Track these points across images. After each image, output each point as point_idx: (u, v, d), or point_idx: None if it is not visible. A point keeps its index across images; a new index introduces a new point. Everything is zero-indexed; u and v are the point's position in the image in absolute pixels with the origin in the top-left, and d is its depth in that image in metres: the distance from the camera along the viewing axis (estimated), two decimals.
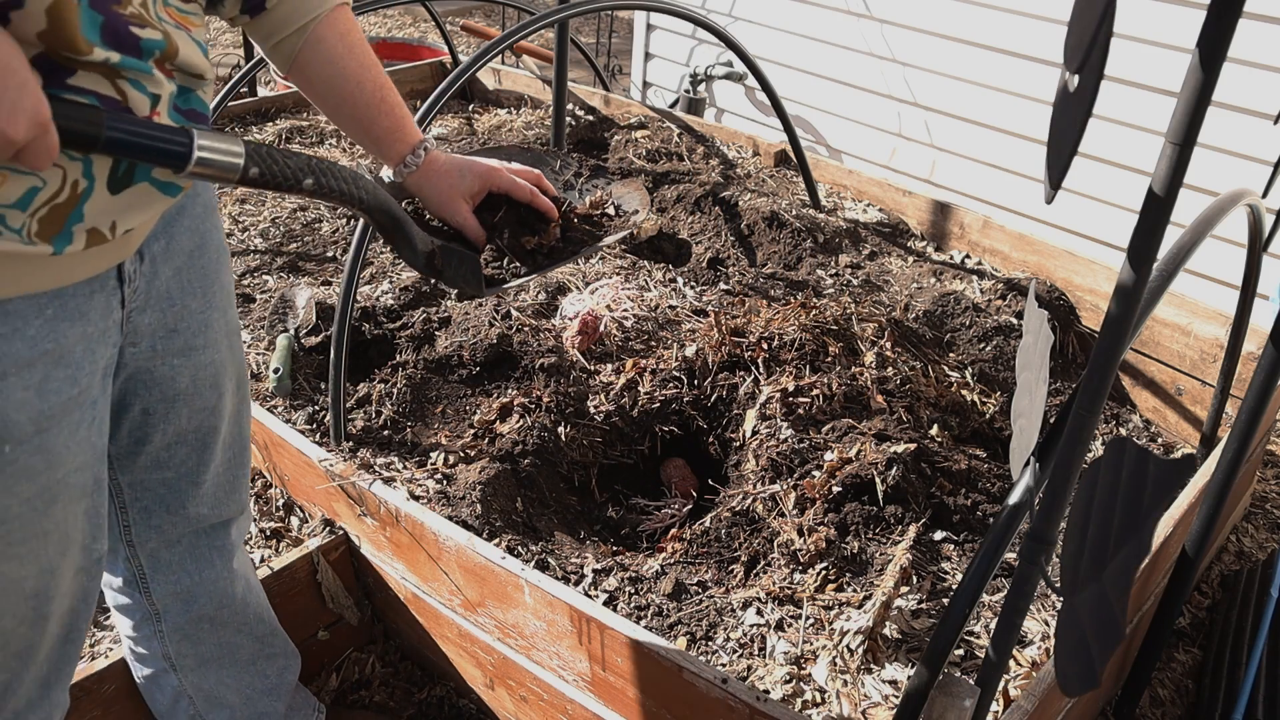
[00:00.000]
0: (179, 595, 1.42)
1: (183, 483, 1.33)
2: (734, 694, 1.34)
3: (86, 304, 1.01)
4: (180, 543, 1.40)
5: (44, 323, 0.96)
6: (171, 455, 1.29)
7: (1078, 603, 0.91)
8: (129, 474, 1.29)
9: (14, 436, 0.96)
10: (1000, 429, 2.13)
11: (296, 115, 3.75)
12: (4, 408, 0.94)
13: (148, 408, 1.22)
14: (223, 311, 1.27)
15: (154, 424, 1.24)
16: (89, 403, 1.05)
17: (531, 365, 2.12)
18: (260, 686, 1.58)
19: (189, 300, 1.20)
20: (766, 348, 2.10)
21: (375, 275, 2.59)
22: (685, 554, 1.76)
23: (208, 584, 1.44)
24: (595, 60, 4.12)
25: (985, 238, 2.84)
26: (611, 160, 3.31)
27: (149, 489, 1.31)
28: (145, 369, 1.19)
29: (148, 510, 1.33)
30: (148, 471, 1.29)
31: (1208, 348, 2.31)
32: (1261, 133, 2.91)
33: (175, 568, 1.41)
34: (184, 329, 1.20)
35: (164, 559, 1.40)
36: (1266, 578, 2.00)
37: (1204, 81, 0.72)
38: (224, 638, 1.50)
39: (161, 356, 1.19)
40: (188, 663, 1.49)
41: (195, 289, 1.21)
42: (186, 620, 1.45)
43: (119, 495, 1.31)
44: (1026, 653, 1.57)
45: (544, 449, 1.95)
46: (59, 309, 0.97)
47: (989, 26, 3.45)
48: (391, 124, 1.23)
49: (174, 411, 1.25)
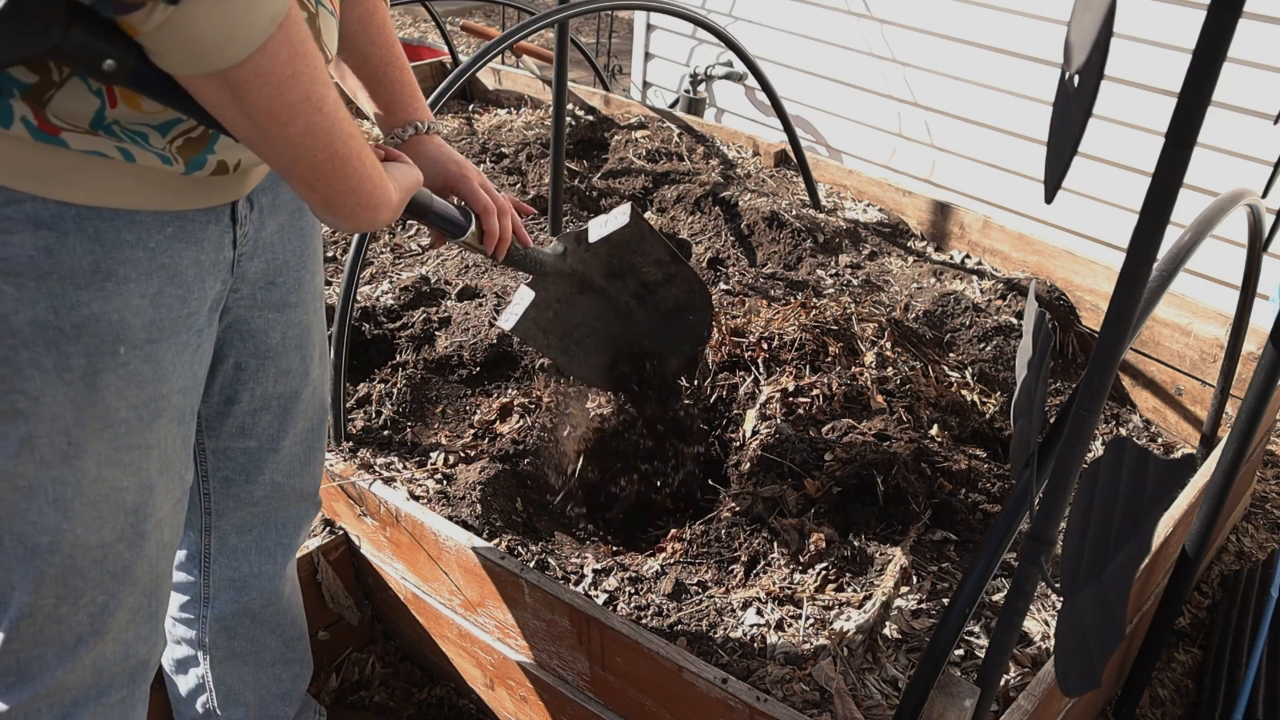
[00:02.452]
0: (234, 583, 1.46)
1: (263, 450, 1.37)
2: (734, 694, 1.34)
3: (202, 231, 1.07)
4: (252, 531, 1.44)
5: (164, 239, 1.02)
6: (256, 421, 1.34)
7: (1078, 603, 0.91)
8: (215, 439, 1.33)
9: (129, 339, 1.01)
10: (1000, 429, 2.13)
11: None
12: (123, 310, 1.00)
13: (240, 361, 1.27)
14: (314, 274, 1.34)
15: (244, 380, 1.29)
16: (195, 329, 1.11)
17: (531, 365, 2.12)
18: (275, 690, 1.59)
19: (288, 255, 1.26)
20: (766, 348, 2.10)
21: (375, 275, 2.59)
22: (685, 554, 1.76)
23: (264, 578, 1.48)
24: (595, 60, 4.12)
25: (985, 238, 2.84)
26: (611, 160, 3.31)
27: (231, 458, 1.36)
28: (243, 319, 1.24)
29: (228, 480, 1.37)
30: (233, 438, 1.34)
31: (1208, 348, 2.31)
32: (1261, 133, 2.91)
33: (240, 555, 1.44)
34: (280, 282, 1.26)
35: (232, 544, 1.43)
36: (1266, 578, 2.00)
37: (1204, 81, 0.72)
38: (257, 635, 1.53)
39: (259, 309, 1.25)
40: (219, 654, 1.51)
41: (294, 246, 1.27)
42: (232, 611, 1.48)
43: (203, 463, 1.35)
44: (1026, 653, 1.57)
45: (543, 449, 1.95)
46: (178, 229, 1.03)
47: (989, 26, 3.45)
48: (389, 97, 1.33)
49: (263, 370, 1.30)
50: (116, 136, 0.93)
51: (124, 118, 0.93)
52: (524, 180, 3.12)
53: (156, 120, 0.95)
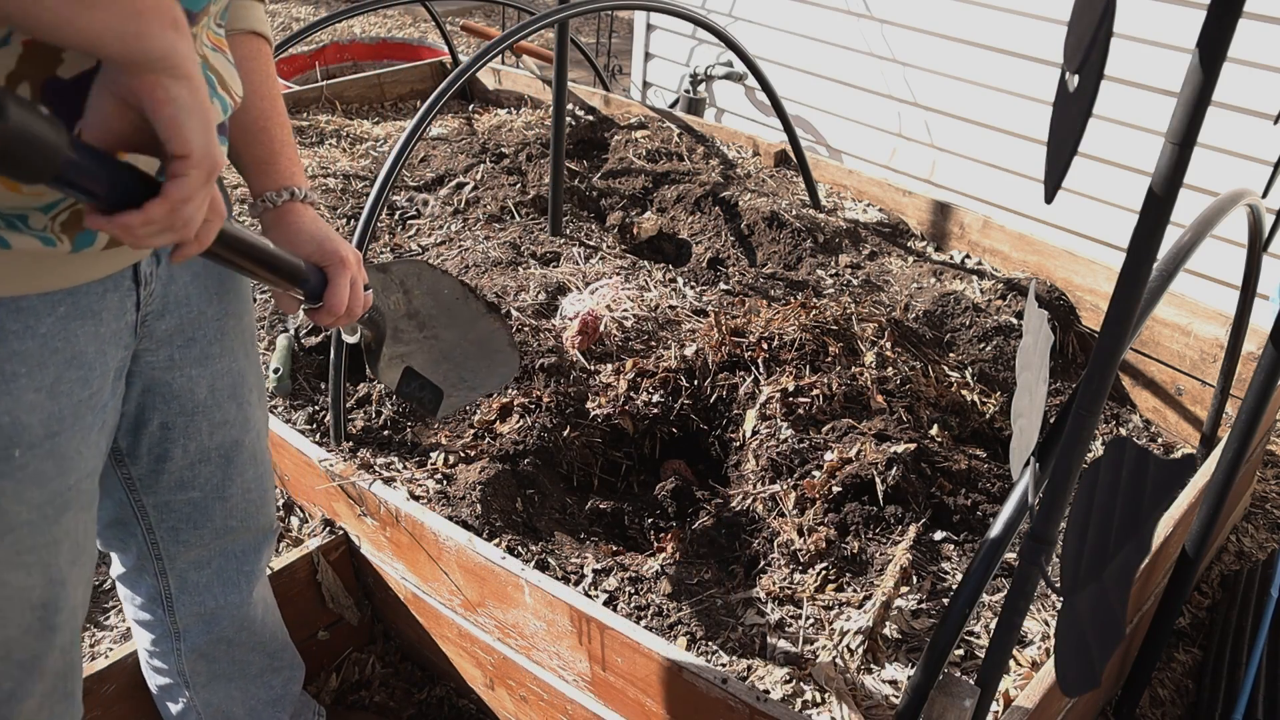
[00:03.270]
0: (202, 616, 1.42)
1: (209, 499, 1.31)
2: (734, 694, 1.34)
3: (100, 303, 0.98)
4: (210, 565, 1.39)
5: (56, 321, 0.93)
6: (195, 474, 1.27)
7: (1078, 603, 0.91)
8: (153, 495, 1.27)
9: (25, 440, 0.93)
10: (1000, 429, 2.13)
11: (296, 115, 3.76)
12: (14, 409, 0.91)
13: (166, 421, 1.20)
14: (239, 318, 1.25)
15: (174, 439, 1.22)
16: (100, 406, 1.03)
17: (531, 365, 2.12)
18: (266, 698, 1.58)
19: (205, 306, 1.18)
20: (766, 348, 2.10)
21: None
22: (685, 554, 1.76)
23: (231, 608, 1.43)
24: (595, 60, 4.12)
25: (985, 238, 2.84)
26: (611, 160, 3.31)
27: (174, 509, 1.30)
28: (163, 381, 1.17)
29: (175, 529, 1.32)
30: (172, 492, 1.27)
31: (1208, 348, 2.31)
32: (1261, 133, 2.91)
33: (202, 590, 1.39)
34: (201, 336, 1.19)
35: (192, 580, 1.39)
36: (1266, 578, 2.00)
37: (1204, 81, 0.72)
38: (238, 655, 1.50)
39: (179, 366, 1.17)
40: (200, 679, 1.49)
41: (212, 294, 1.19)
42: (206, 641, 1.44)
43: (145, 517, 1.29)
44: (1026, 653, 1.57)
45: (544, 449, 1.95)
46: (71, 307, 0.95)
47: (989, 26, 3.45)
48: (263, 155, 1.17)
49: (194, 425, 1.23)
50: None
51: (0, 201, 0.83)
52: (524, 180, 3.12)
53: (40, 201, 0.85)
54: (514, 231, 2.75)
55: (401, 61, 4.76)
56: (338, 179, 3.20)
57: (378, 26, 7.04)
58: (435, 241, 2.78)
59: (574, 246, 2.70)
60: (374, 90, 4.02)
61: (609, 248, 2.75)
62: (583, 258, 2.65)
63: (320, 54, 4.77)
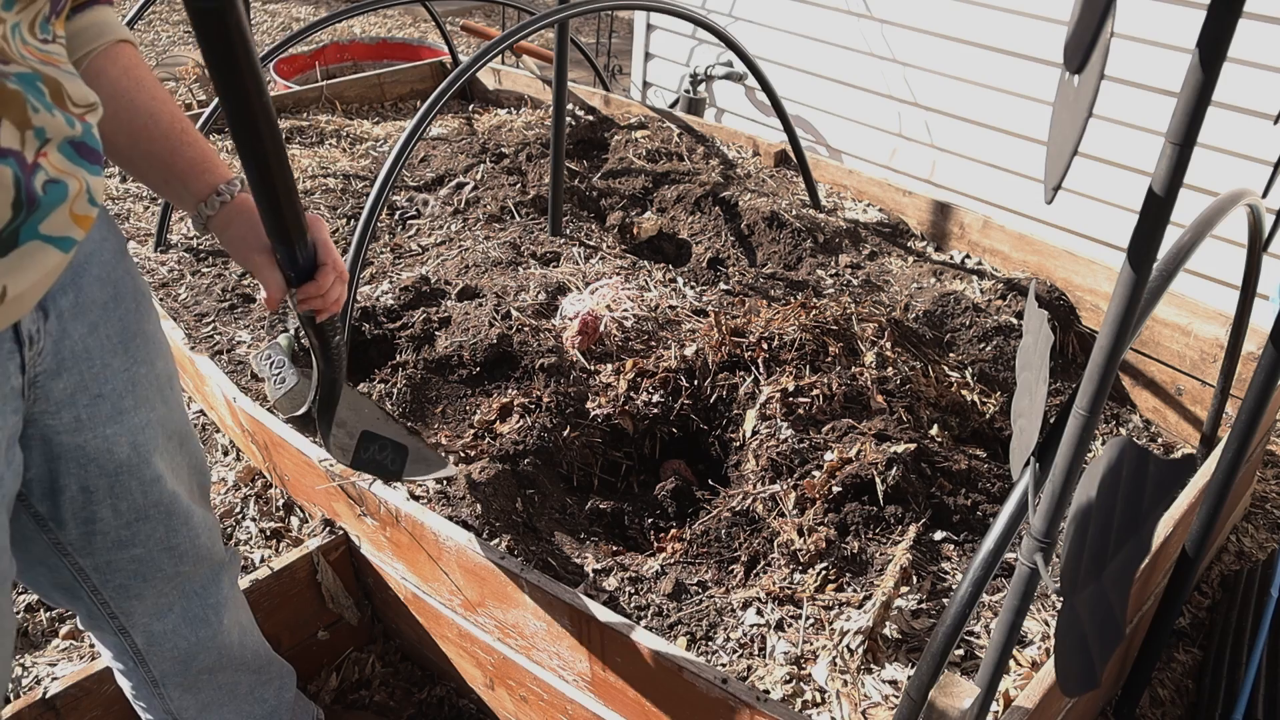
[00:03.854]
0: (177, 659, 1.37)
1: (154, 554, 1.24)
2: (734, 694, 1.34)
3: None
4: (172, 610, 1.33)
5: None
6: (135, 533, 1.20)
7: (1078, 603, 0.91)
8: (90, 557, 1.19)
9: None
10: (1000, 429, 2.13)
11: (296, 115, 3.75)
12: None
13: (86, 485, 1.12)
14: (150, 364, 1.16)
15: (99, 500, 1.14)
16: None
17: (531, 365, 2.12)
18: (260, 712, 1.56)
19: (110, 358, 1.09)
20: (766, 348, 2.10)
21: (375, 275, 2.59)
22: (685, 554, 1.76)
23: (205, 642, 1.39)
24: (595, 60, 4.12)
25: (985, 238, 2.84)
26: (611, 160, 3.31)
27: (118, 567, 1.22)
28: (75, 445, 1.08)
29: (123, 586, 1.25)
30: (111, 552, 1.20)
31: (1208, 348, 2.31)
32: (1261, 133, 2.91)
33: (170, 635, 1.34)
34: (110, 391, 1.10)
35: (157, 631, 1.33)
36: (1266, 578, 2.00)
37: (1204, 81, 0.72)
38: (223, 680, 1.46)
39: (90, 426, 1.09)
40: (190, 713, 1.45)
41: (115, 345, 1.10)
42: (186, 679, 1.41)
43: (86, 580, 1.21)
44: (1026, 653, 1.57)
45: (544, 449, 1.95)
46: None
47: (989, 26, 3.45)
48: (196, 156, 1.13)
49: (120, 485, 1.15)
50: None
51: None
52: (524, 180, 3.12)
53: None
54: (514, 231, 2.75)
55: (401, 61, 4.76)
56: (338, 179, 3.20)
57: (378, 26, 7.04)
58: (435, 241, 2.78)
59: (574, 246, 2.70)
60: (374, 90, 4.02)
61: (609, 248, 2.74)
62: (583, 258, 2.65)
63: (320, 54, 4.77)
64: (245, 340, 2.36)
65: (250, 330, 2.39)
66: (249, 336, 2.36)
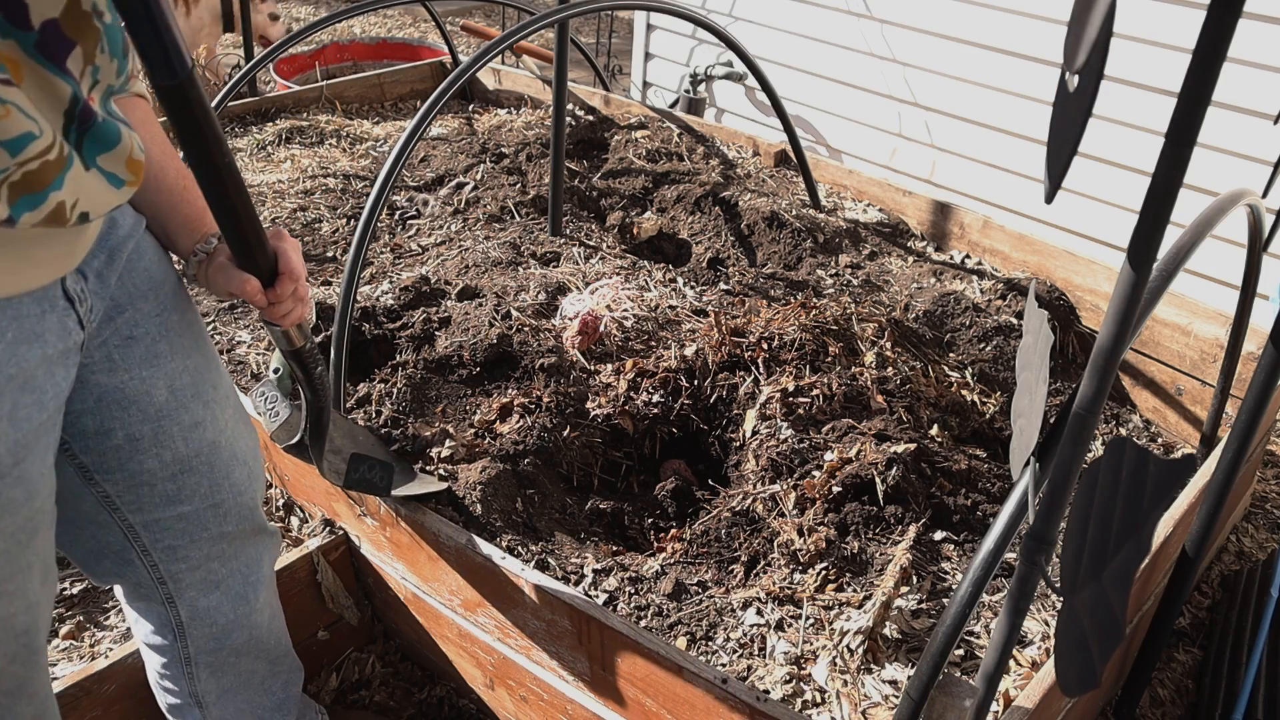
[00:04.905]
0: (214, 636, 1.40)
1: (200, 511, 1.28)
2: (734, 694, 1.34)
3: (40, 325, 0.98)
4: (218, 587, 1.37)
5: (6, 347, 0.93)
6: (182, 486, 1.24)
7: (1078, 603, 0.91)
8: (140, 514, 1.23)
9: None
10: (1000, 429, 2.13)
11: (296, 115, 3.76)
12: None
13: (132, 433, 1.16)
14: (180, 312, 1.21)
15: (145, 450, 1.18)
16: (53, 426, 1.03)
17: (531, 365, 2.12)
18: (269, 704, 1.58)
19: (139, 303, 1.15)
20: (766, 348, 2.10)
21: (375, 275, 2.59)
22: (685, 554, 1.76)
23: (241, 619, 1.43)
24: (595, 60, 4.12)
25: (985, 238, 2.84)
26: (611, 160, 3.31)
27: (167, 526, 1.26)
28: (113, 387, 1.13)
29: (172, 548, 1.29)
30: (160, 509, 1.24)
31: (1208, 348, 2.31)
32: (1261, 133, 2.91)
33: (212, 612, 1.38)
34: (142, 335, 1.15)
35: (202, 606, 1.37)
36: (1266, 578, 2.00)
37: (1204, 81, 0.72)
38: (244, 666, 1.49)
39: (124, 368, 1.14)
40: (211, 698, 1.48)
41: (143, 290, 1.16)
42: (217, 658, 1.43)
43: (137, 539, 1.25)
44: (1026, 653, 1.57)
45: (544, 449, 1.95)
46: (17, 331, 0.95)
47: (989, 26, 3.45)
48: (192, 213, 1.21)
49: (164, 433, 1.19)
50: None
51: None
52: (524, 180, 3.12)
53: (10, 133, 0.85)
54: (514, 231, 2.75)
55: (401, 61, 4.76)
56: (338, 179, 3.20)
57: (378, 26, 7.04)
58: (435, 241, 2.79)
59: (574, 246, 2.70)
60: (374, 90, 4.02)
61: (609, 248, 2.75)
62: (583, 258, 2.65)
63: (320, 54, 4.77)
64: (245, 340, 2.36)
65: (250, 330, 2.39)
66: (249, 336, 2.36)
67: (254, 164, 3.33)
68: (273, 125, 3.61)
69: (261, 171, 3.26)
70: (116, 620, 1.95)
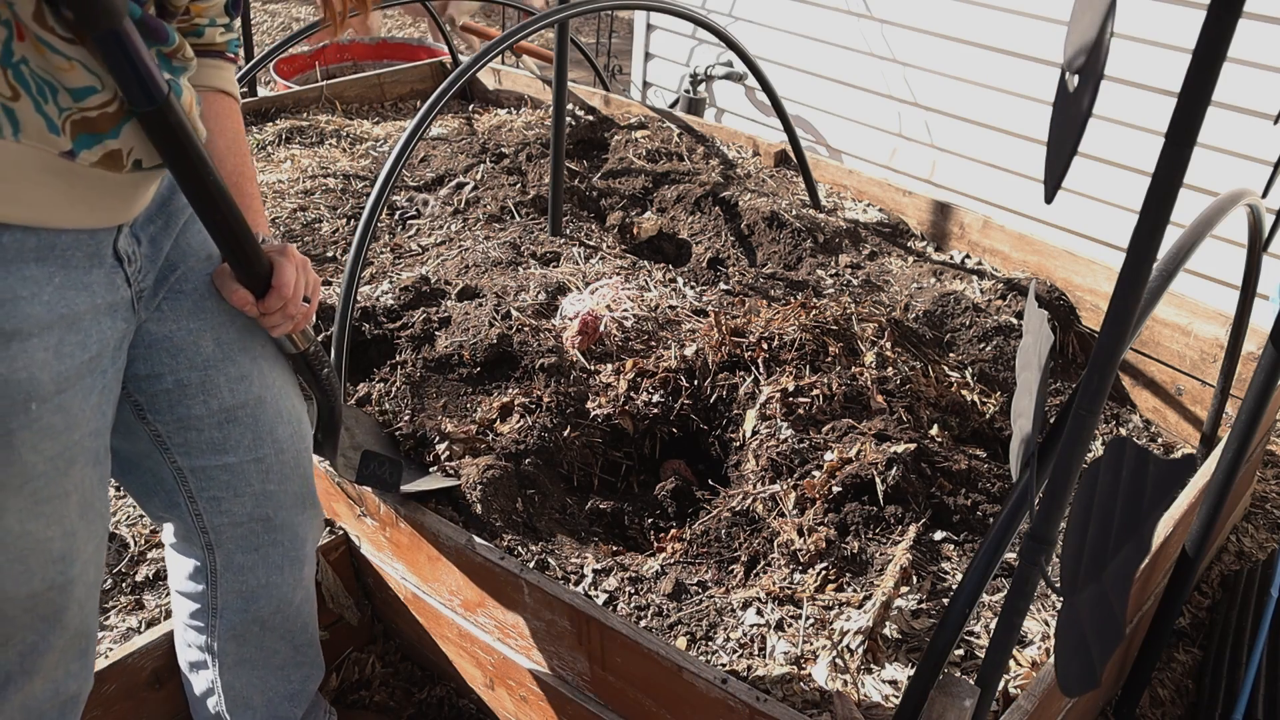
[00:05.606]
0: (243, 594, 1.45)
1: (245, 464, 1.34)
2: (734, 694, 1.34)
3: (87, 276, 1.06)
4: (258, 549, 1.41)
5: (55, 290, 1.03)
6: (227, 435, 1.30)
7: (1078, 603, 0.91)
8: (188, 458, 1.30)
9: (39, 394, 1.02)
10: (1000, 429, 2.13)
11: (296, 115, 3.76)
12: (30, 366, 1.00)
13: (181, 379, 1.24)
14: None
15: (192, 396, 1.26)
16: (100, 371, 1.10)
17: (531, 365, 2.12)
18: (284, 691, 1.59)
19: (190, 261, 1.23)
20: (766, 348, 2.10)
21: (375, 275, 2.59)
22: (685, 554, 1.76)
23: (273, 588, 1.46)
24: (595, 60, 4.12)
25: (985, 238, 2.84)
26: (611, 160, 3.31)
27: (213, 476, 1.32)
28: (163, 335, 1.22)
29: (216, 499, 1.34)
30: (209, 456, 1.31)
31: (1208, 348, 2.31)
32: (1261, 133, 2.91)
33: (247, 570, 1.43)
34: (189, 289, 1.23)
35: (238, 561, 1.41)
36: (1266, 578, 2.00)
37: (1204, 81, 0.72)
38: (267, 642, 1.52)
39: (173, 318, 1.22)
40: (228, 660, 1.51)
41: (196, 252, 1.24)
42: (241, 620, 1.47)
43: (185, 484, 1.32)
44: (1026, 653, 1.57)
45: (544, 449, 1.95)
46: (65, 279, 1.04)
47: (989, 26, 3.45)
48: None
49: (210, 382, 1.26)
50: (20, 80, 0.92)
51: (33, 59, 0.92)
52: (524, 180, 3.12)
53: (77, 84, 0.95)
54: (514, 231, 2.76)
55: (401, 61, 4.76)
56: (338, 179, 3.20)
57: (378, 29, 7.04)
58: (435, 241, 2.79)
59: (574, 246, 2.70)
60: (374, 90, 4.02)
61: (609, 248, 2.75)
62: (583, 258, 2.65)
63: (320, 54, 4.77)
64: None
65: None
66: None
67: (254, 164, 3.33)
68: (273, 125, 3.62)
69: (261, 171, 3.26)
70: (116, 620, 1.95)
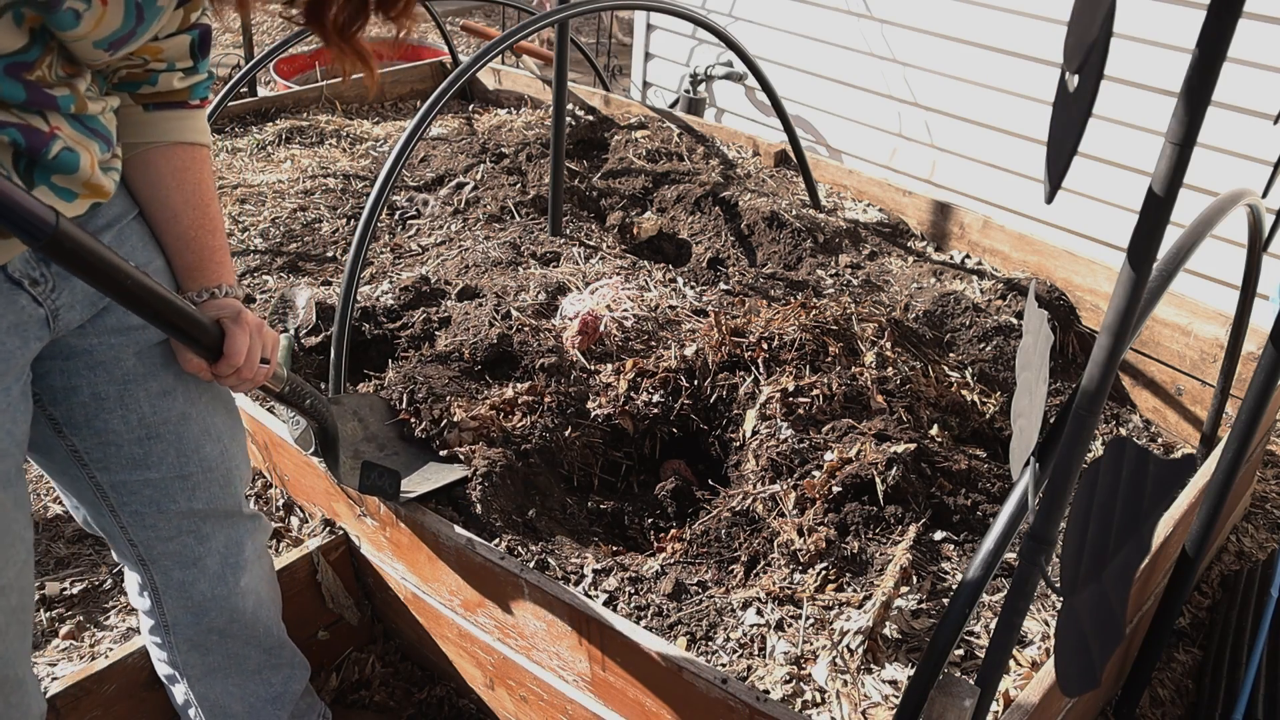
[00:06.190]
0: (189, 609, 1.42)
1: (168, 480, 1.29)
2: (734, 694, 1.34)
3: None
4: (194, 564, 1.38)
5: None
6: (148, 452, 1.26)
7: (1078, 603, 0.91)
8: (107, 473, 1.26)
9: None
10: (1000, 429, 2.13)
11: (296, 115, 3.76)
12: None
13: (98, 392, 1.21)
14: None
15: (109, 409, 1.22)
16: (3, 389, 1.07)
17: (532, 365, 2.12)
18: (264, 695, 1.57)
19: None
20: (766, 348, 2.10)
21: (375, 275, 2.59)
22: (685, 554, 1.76)
23: (220, 599, 1.43)
24: (595, 60, 4.12)
25: (985, 238, 2.84)
26: (611, 160, 3.31)
27: (134, 490, 1.29)
28: (85, 348, 1.18)
29: (138, 513, 1.31)
30: (128, 471, 1.27)
31: (1208, 348, 2.31)
32: (1261, 133, 2.91)
33: (186, 585, 1.39)
34: (114, 306, 1.18)
35: (176, 577, 1.38)
36: (1266, 578, 2.00)
37: (1204, 81, 0.72)
38: (232, 649, 1.50)
39: (95, 334, 1.18)
40: (195, 672, 1.49)
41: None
42: (196, 632, 1.44)
43: (105, 498, 1.28)
44: (1026, 653, 1.57)
45: (544, 449, 1.95)
46: None
47: (989, 26, 3.45)
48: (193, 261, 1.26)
49: (129, 396, 1.22)
50: None
51: None
52: (524, 180, 3.12)
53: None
54: (514, 231, 2.76)
55: (401, 61, 4.76)
56: (338, 179, 3.20)
57: (377, 26, 7.03)
58: (435, 241, 2.79)
59: (574, 246, 2.70)
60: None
61: (609, 248, 2.75)
62: (583, 258, 2.65)
63: (320, 54, 4.77)
64: None
65: None
66: None
67: (254, 164, 3.33)
68: (273, 125, 3.62)
69: (261, 171, 3.26)
70: (116, 620, 1.95)
